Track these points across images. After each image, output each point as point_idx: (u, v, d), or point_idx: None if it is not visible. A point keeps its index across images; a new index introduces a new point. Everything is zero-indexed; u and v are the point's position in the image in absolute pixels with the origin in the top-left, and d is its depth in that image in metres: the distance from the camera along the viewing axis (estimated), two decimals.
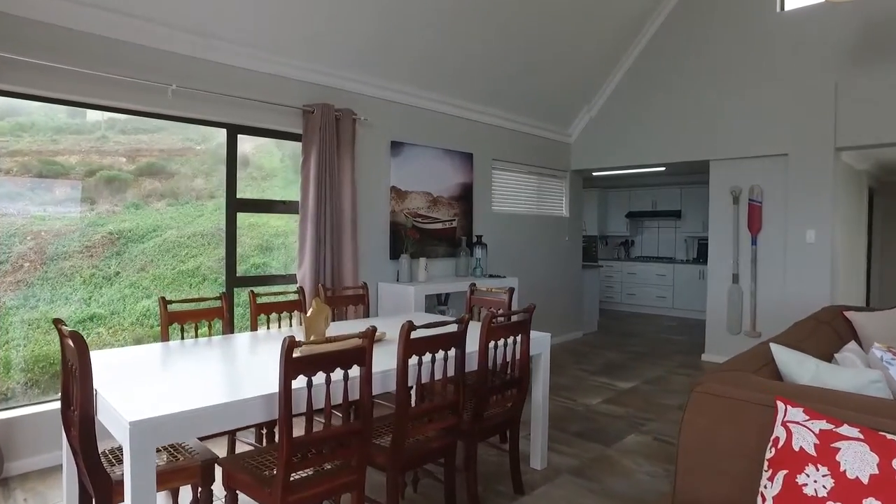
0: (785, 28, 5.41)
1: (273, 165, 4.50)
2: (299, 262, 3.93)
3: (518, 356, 2.75)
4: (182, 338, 2.84)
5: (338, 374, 2.00)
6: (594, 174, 9.08)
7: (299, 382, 1.89)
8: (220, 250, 3.89)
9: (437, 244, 5.16)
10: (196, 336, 2.88)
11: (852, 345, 3.36)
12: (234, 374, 2.18)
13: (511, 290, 3.55)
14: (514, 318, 2.71)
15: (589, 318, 7.54)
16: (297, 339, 1.80)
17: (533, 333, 2.91)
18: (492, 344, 2.56)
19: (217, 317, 2.99)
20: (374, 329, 2.02)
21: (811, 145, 5.25)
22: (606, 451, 3.45)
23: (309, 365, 1.84)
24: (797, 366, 2.36)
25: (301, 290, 3.43)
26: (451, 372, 2.42)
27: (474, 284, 3.78)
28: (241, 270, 4.02)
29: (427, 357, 2.27)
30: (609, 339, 7.13)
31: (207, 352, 2.50)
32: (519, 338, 2.73)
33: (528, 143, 6.29)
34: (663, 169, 8.46)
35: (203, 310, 2.94)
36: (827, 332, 3.50)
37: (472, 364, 2.53)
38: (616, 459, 3.34)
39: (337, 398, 2.02)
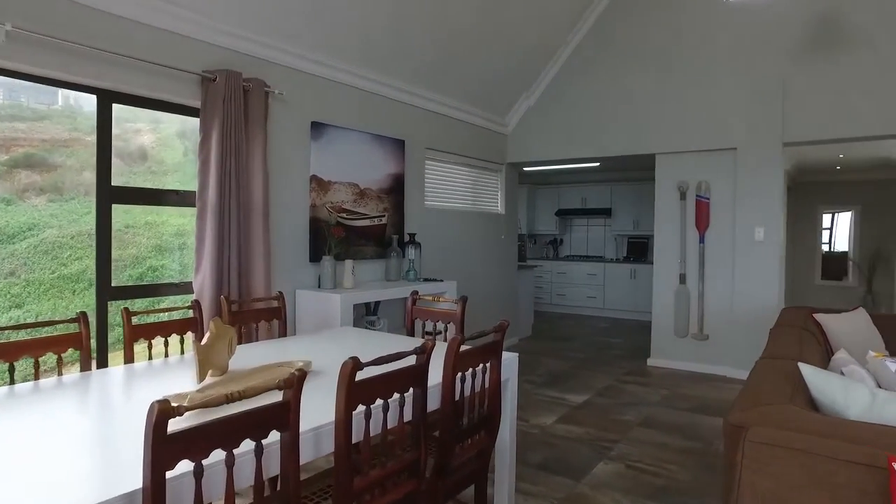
0: (732, 19, 5.16)
1: (176, 160, 3.72)
2: (196, 267, 3.11)
3: (487, 387, 2.14)
4: (11, 380, 1.98)
5: (247, 445, 1.29)
6: (524, 169, 8.69)
7: (183, 467, 1.17)
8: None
9: (365, 244, 4.46)
10: (36, 376, 2.03)
11: (843, 353, 3.01)
12: (70, 451, 1.41)
13: (464, 301, 2.94)
14: (485, 339, 2.10)
15: (524, 323, 7.09)
16: (173, 404, 1.08)
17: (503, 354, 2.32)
18: (458, 375, 1.94)
19: (72, 346, 2.15)
20: (301, 374, 1.33)
21: (760, 140, 5.02)
22: (577, 488, 2.92)
23: (196, 443, 1.14)
24: (842, 393, 1.90)
25: (197, 305, 2.64)
26: (407, 414, 1.77)
27: (417, 293, 3.13)
28: (128, 278, 3.17)
29: (378, 402, 1.61)
30: (546, 344, 6.70)
31: (35, 406, 1.70)
32: (489, 364, 2.12)
33: (464, 132, 5.71)
34: (598, 165, 8.19)
35: (48, 338, 2.09)
36: (810, 340, 3.15)
37: (431, 401, 1.89)
38: (591, 498, 2.81)
39: (245, 479, 1.32)
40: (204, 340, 1.82)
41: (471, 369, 2.00)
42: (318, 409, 1.63)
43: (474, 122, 5.82)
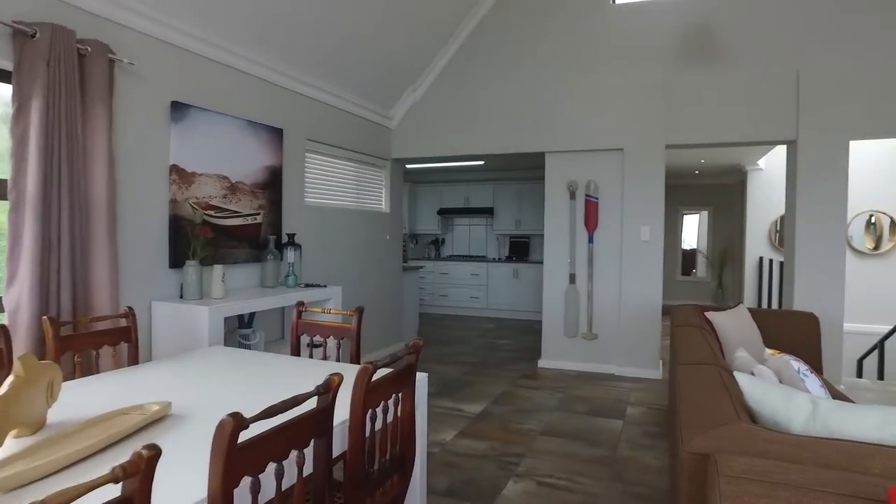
0: (619, 21, 5.21)
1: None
2: (8, 278, 2.39)
3: (400, 420, 1.77)
4: None
5: None
6: (407, 166, 8.37)
7: None
8: None
9: (238, 246, 3.88)
10: None
11: (743, 352, 3.01)
12: None
13: (360, 313, 2.54)
14: (397, 364, 1.73)
15: (409, 327, 6.77)
16: None
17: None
18: (368, 413, 1.55)
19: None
20: (153, 454, 0.87)
21: (645, 141, 5.10)
22: None
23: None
24: (783, 403, 1.77)
25: (3, 332, 1.98)
26: (307, 467, 1.35)
27: (303, 304, 2.67)
28: None
29: (271, 467, 1.18)
30: (435, 349, 6.43)
31: None
32: (401, 394, 1.75)
33: (348, 124, 5.26)
34: (482, 163, 8.08)
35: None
36: (710, 340, 3.14)
37: (335, 445, 1.49)
38: None
39: None
40: (3, 388, 1.27)
41: (382, 403, 1.62)
42: (179, 484, 1.16)
43: (359, 113, 5.39)
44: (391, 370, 1.71)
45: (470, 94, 5.71)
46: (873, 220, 7.90)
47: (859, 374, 6.89)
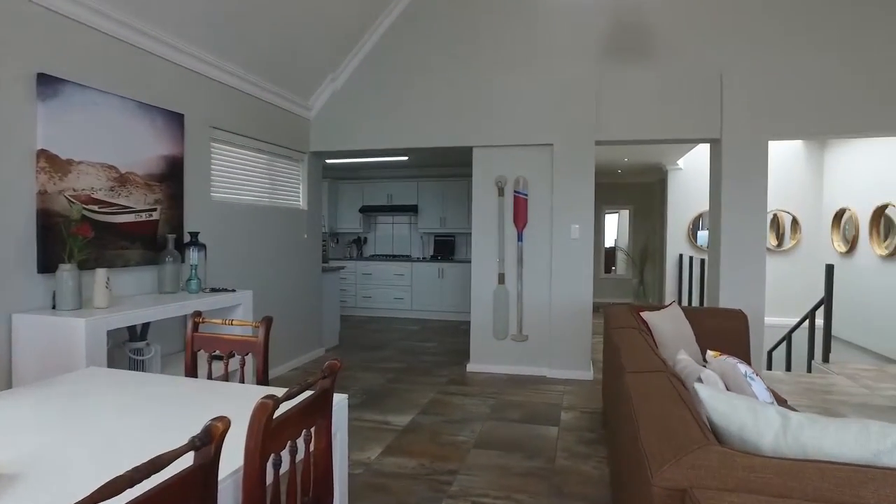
0: (549, 15, 5.06)
1: None
2: None
3: (314, 458, 1.44)
4: None
5: None
6: (327, 161, 7.95)
7: None
8: None
9: (129, 246, 3.38)
10: None
11: (684, 355, 2.88)
12: None
13: (268, 323, 2.18)
14: (308, 392, 1.40)
15: (330, 331, 6.37)
16: None
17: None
18: (270, 458, 1.21)
19: None
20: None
21: (574, 137, 4.98)
22: None
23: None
24: (752, 417, 1.59)
25: None
26: None
27: (200, 314, 2.27)
28: None
29: None
30: (357, 354, 6.06)
31: None
32: (315, 429, 1.42)
33: (260, 112, 4.80)
34: (405, 159, 7.77)
35: None
36: (651, 342, 3.00)
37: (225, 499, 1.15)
38: None
39: None
40: None
41: (289, 443, 1.29)
42: None
43: (273, 101, 4.94)
44: (302, 399, 1.37)
45: (394, 85, 5.40)
46: (776, 218, 8.27)
47: (769, 367, 7.15)
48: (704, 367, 2.70)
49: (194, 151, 3.99)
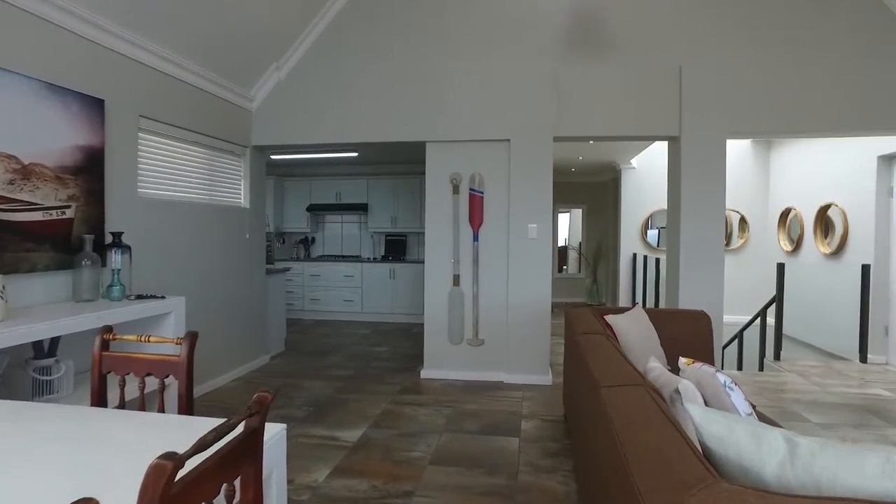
0: (508, 4, 4.86)
1: None
2: None
3: None
4: None
5: None
6: (272, 157, 7.54)
7: None
8: None
9: (35, 248, 2.96)
10: None
11: (655, 363, 2.71)
12: None
13: (191, 339, 1.86)
14: (234, 434, 1.11)
15: (275, 337, 5.99)
16: None
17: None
18: None
19: None
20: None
21: (532, 133, 4.80)
22: None
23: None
24: (753, 443, 1.39)
25: None
26: None
27: (110, 330, 1.93)
28: None
29: None
30: (304, 361, 5.71)
31: None
32: (241, 479, 1.14)
33: (198, 101, 4.40)
34: (355, 155, 7.45)
35: None
36: (619, 349, 2.82)
37: None
38: None
39: None
40: None
41: None
42: None
43: (212, 90, 4.54)
44: (223, 445, 1.08)
45: (343, 76, 5.08)
46: (725, 217, 8.37)
47: (722, 365, 7.19)
48: (677, 375, 2.54)
49: (118, 142, 3.57)
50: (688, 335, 3.74)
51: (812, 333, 6.72)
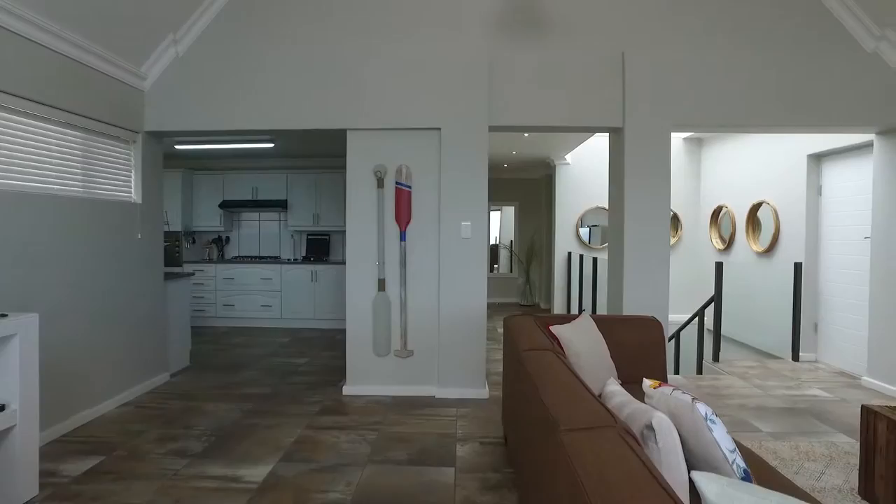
0: None
1: None
2: None
3: None
4: None
5: None
6: (178, 148, 6.76)
7: None
8: None
9: None
10: None
11: (614, 385, 2.34)
12: None
13: None
14: None
15: (178, 351, 5.27)
16: None
17: None
18: None
19: None
20: None
21: (466, 121, 4.36)
22: None
23: None
24: None
25: None
26: None
27: None
28: None
29: None
30: (210, 378, 5.03)
31: None
32: None
33: (72, 75, 3.66)
34: (272, 146, 6.79)
35: None
36: (571, 368, 2.41)
37: None
38: None
39: None
40: None
41: None
42: None
43: (91, 63, 3.81)
44: None
45: (253, 53, 4.45)
46: None
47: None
48: (644, 402, 2.16)
49: None
50: (638, 344, 3.41)
51: (744, 332, 6.67)
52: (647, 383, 2.20)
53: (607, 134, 4.89)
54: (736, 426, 3.77)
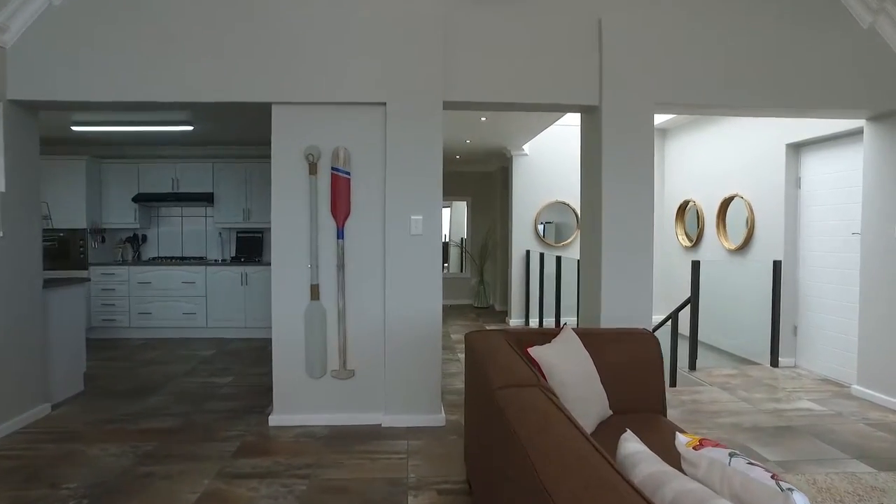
0: None
1: None
2: None
3: None
4: None
5: None
6: (76, 129, 5.77)
7: None
8: None
9: None
10: None
11: (634, 444, 1.66)
12: None
13: None
14: None
15: (65, 374, 4.32)
16: None
17: None
18: None
19: None
20: None
21: (416, 95, 3.64)
22: None
23: None
24: None
25: None
26: None
27: None
28: None
29: None
30: (105, 408, 4.12)
31: None
32: None
33: None
34: (190, 128, 5.87)
35: None
36: (559, 408, 1.73)
37: None
38: None
39: None
40: None
41: None
42: None
43: None
44: None
45: (153, 6, 3.57)
46: None
47: None
48: (682, 468, 1.50)
49: None
50: (630, 364, 2.77)
51: (717, 335, 6.22)
52: (682, 440, 1.53)
53: (578, 116, 4.27)
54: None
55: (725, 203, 6.24)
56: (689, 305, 5.27)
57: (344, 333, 3.70)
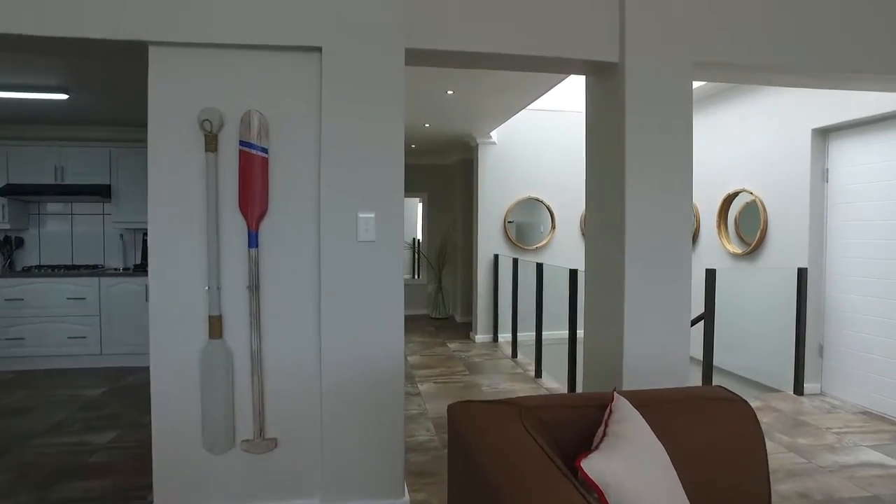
0: None
1: None
2: None
3: None
4: None
5: None
6: None
7: None
8: None
9: None
10: None
11: None
12: None
13: None
14: None
15: None
16: None
17: None
18: None
19: None
20: None
21: (365, 36, 2.48)
22: None
23: None
24: None
25: None
26: None
27: None
28: None
29: None
30: None
31: None
32: None
33: None
34: (64, 97, 4.54)
35: None
36: None
37: None
38: None
39: None
40: None
41: None
42: None
43: None
44: None
45: None
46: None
47: None
48: None
49: None
50: (717, 449, 1.72)
51: (722, 354, 5.29)
52: None
53: (564, 98, 3.21)
54: None
55: (728, 199, 5.34)
56: (701, 321, 4.31)
57: (260, 386, 2.50)
